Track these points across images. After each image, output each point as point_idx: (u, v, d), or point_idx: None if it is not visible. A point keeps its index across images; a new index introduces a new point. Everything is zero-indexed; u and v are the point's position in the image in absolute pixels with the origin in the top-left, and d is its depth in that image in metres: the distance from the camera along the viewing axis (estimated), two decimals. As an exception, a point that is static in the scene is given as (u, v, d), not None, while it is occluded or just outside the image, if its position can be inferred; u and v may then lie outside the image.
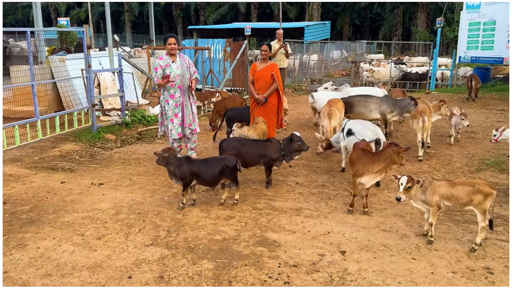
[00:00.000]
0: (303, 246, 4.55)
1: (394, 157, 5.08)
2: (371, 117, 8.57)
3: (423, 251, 4.47)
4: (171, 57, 6.80)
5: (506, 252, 4.47)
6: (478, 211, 4.41)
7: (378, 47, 36.83)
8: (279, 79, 7.49)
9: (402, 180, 4.45)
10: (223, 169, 5.36)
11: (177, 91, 6.82)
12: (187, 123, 6.98)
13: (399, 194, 4.46)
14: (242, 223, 5.12)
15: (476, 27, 15.58)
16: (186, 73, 6.87)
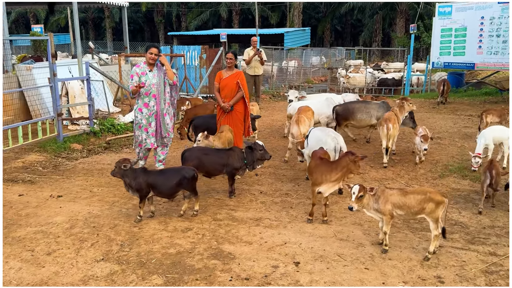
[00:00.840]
0: (258, 258, 4.50)
1: (351, 165, 5.07)
2: (367, 123, 8.64)
3: (377, 261, 4.45)
4: (149, 66, 6.65)
5: (460, 260, 4.48)
6: (430, 219, 4.41)
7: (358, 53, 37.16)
8: (245, 87, 7.46)
9: (354, 189, 4.43)
10: (181, 180, 5.29)
11: (151, 100, 6.65)
12: (164, 133, 6.79)
13: (351, 203, 4.43)
14: (199, 235, 5.05)
15: (448, 33, 15.81)
16: (162, 83, 6.73)
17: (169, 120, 6.87)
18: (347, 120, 8.65)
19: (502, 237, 5.01)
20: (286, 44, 30.12)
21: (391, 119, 7.34)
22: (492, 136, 7.01)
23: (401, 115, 7.78)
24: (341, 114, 8.66)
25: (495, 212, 5.72)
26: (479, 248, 4.73)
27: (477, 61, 15.24)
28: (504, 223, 5.39)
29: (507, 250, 4.70)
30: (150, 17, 55.13)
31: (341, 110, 8.70)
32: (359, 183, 4.51)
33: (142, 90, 6.49)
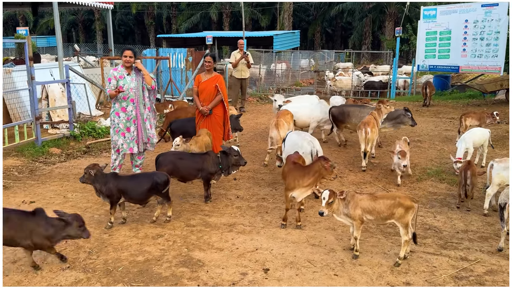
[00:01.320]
0: (227, 265, 4.44)
1: (323, 171, 5.02)
2: None
3: (347, 267, 4.41)
4: (127, 69, 6.52)
5: (430, 265, 4.45)
6: (400, 224, 4.38)
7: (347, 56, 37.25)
8: (224, 90, 7.41)
9: (324, 194, 4.38)
10: (152, 185, 5.21)
11: (129, 105, 6.51)
12: (145, 137, 6.64)
13: (321, 208, 4.38)
14: (170, 241, 4.98)
15: (433, 36, 15.90)
16: (140, 87, 6.59)
17: (149, 126, 6.73)
18: (344, 123, 8.65)
19: (474, 242, 4.99)
20: (275, 46, 30.07)
21: (370, 123, 7.32)
22: (472, 139, 7.00)
23: (380, 118, 7.77)
24: (337, 117, 8.67)
25: (470, 216, 5.71)
26: (451, 253, 4.71)
27: (462, 64, 15.34)
28: (477, 228, 5.38)
29: (479, 255, 4.68)
30: (141, 19, 54.96)
31: (337, 113, 8.70)
32: (329, 188, 4.47)
33: (120, 94, 6.38)
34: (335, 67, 27.77)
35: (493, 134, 9.26)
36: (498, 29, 14.24)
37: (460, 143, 6.91)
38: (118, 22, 55.98)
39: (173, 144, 6.88)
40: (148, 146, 6.77)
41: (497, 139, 8.89)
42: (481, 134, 7.05)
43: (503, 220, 4.66)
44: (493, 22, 14.37)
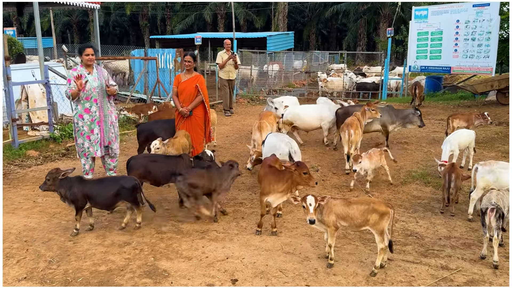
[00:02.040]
0: (194, 276, 4.19)
1: (297, 178, 4.78)
2: (372, 128, 8.24)
3: (320, 276, 4.17)
4: (87, 68, 6.22)
5: (408, 275, 4.21)
6: (374, 231, 4.15)
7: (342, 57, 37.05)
8: (205, 91, 7.18)
9: (310, 200, 4.11)
10: (119, 190, 4.96)
11: (93, 105, 6.22)
12: (106, 140, 6.39)
13: (310, 215, 4.09)
14: (137, 250, 4.73)
15: (425, 37, 15.69)
16: (104, 86, 6.33)
17: (113, 128, 6.49)
18: None
19: (457, 249, 4.76)
20: (268, 48, 29.89)
21: (353, 124, 7.10)
22: (458, 141, 6.78)
23: (364, 120, 7.55)
24: (342, 118, 8.19)
25: (454, 221, 5.48)
26: (431, 262, 4.47)
27: (453, 64, 15.14)
28: (461, 234, 5.15)
29: (460, 263, 4.45)
30: (135, 20, 54.71)
31: (342, 114, 8.32)
32: (310, 193, 4.22)
33: (82, 94, 6.10)
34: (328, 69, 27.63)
35: (482, 135, 9.08)
36: (489, 29, 14.05)
37: (445, 145, 6.68)
38: (113, 23, 55.75)
39: (152, 147, 6.58)
40: (109, 152, 6.48)
41: (485, 140, 8.69)
42: (467, 136, 6.83)
43: (485, 226, 4.43)
44: (485, 22, 14.18)
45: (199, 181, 5.19)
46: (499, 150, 8.01)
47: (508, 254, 4.64)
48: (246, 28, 47.84)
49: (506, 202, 4.47)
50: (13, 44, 18.31)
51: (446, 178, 5.65)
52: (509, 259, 4.39)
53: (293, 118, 8.55)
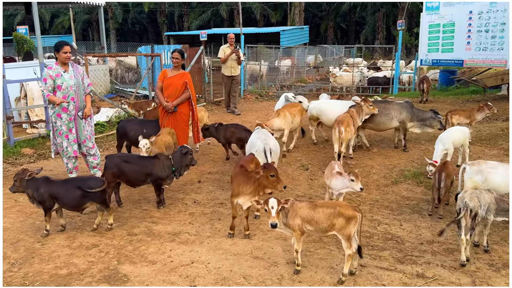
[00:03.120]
0: (154, 281, 4.04)
1: (263, 180, 4.56)
2: (391, 125, 7.76)
3: (285, 283, 3.96)
4: (63, 66, 6.11)
5: (379, 283, 3.97)
6: (341, 236, 3.91)
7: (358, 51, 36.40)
8: (192, 89, 7.01)
9: (272, 203, 3.89)
10: (86, 191, 4.83)
11: (70, 104, 6.13)
12: (81, 139, 6.32)
13: (273, 219, 3.87)
14: (103, 252, 4.60)
15: (436, 29, 15.13)
16: (81, 84, 6.24)
17: (88, 126, 6.39)
18: (364, 122, 7.63)
19: (438, 255, 4.47)
20: (282, 42, 29.61)
21: (344, 122, 6.80)
22: (451, 139, 6.44)
23: (359, 117, 7.23)
24: None
25: (441, 224, 5.17)
26: (407, 269, 4.21)
27: (466, 57, 14.53)
28: (445, 238, 4.83)
29: (438, 271, 4.17)
30: (154, 17, 55.02)
31: None
32: (273, 196, 4.01)
33: (59, 93, 6.00)
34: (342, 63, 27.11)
35: (486, 132, 8.67)
36: (503, 20, 13.43)
37: (438, 144, 6.33)
38: (132, 20, 56.18)
39: (142, 147, 6.34)
40: (85, 151, 6.39)
41: (489, 137, 8.26)
42: (461, 133, 6.47)
43: (460, 228, 4.16)
44: (499, 13, 13.57)
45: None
46: (501, 147, 7.59)
47: (492, 262, 4.34)
48: (263, 23, 47.55)
49: (482, 201, 4.19)
50: (24, 42, 18.51)
51: (436, 177, 5.36)
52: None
53: (318, 113, 8.30)
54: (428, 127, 7.89)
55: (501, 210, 4.34)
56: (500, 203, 4.34)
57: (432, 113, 7.87)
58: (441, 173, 5.38)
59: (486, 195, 4.28)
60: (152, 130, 6.81)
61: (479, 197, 4.21)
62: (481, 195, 4.24)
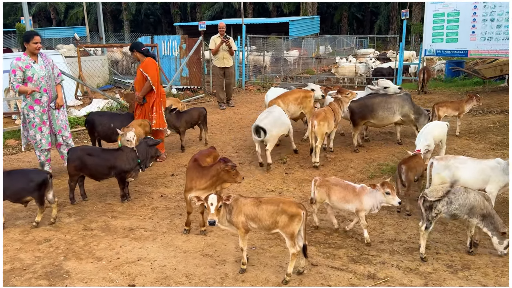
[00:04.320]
0: (93, 279, 3.92)
1: (223, 174, 4.40)
2: (394, 120, 7.37)
3: (227, 283, 3.80)
4: (32, 57, 6.00)
5: (325, 283, 3.78)
6: (284, 235, 3.73)
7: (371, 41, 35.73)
8: (151, 73, 6.81)
9: (211, 199, 3.73)
10: (26, 184, 4.73)
11: (43, 95, 6.04)
12: (56, 129, 6.25)
13: (211, 216, 3.71)
14: (53, 247, 4.51)
15: (441, 19, 14.64)
16: (51, 74, 6.15)
17: (62, 115, 6.32)
18: (365, 119, 7.32)
19: (396, 255, 4.26)
20: (291, 33, 29.20)
21: (319, 115, 6.54)
22: (432, 135, 6.06)
23: (341, 108, 6.93)
24: (358, 112, 7.29)
25: (407, 222, 4.96)
26: (359, 269, 4.00)
27: (470, 48, 14.04)
28: (409, 237, 4.63)
29: (392, 271, 3.95)
30: (167, 8, 55.01)
31: (357, 107, 7.33)
32: (214, 192, 3.85)
33: (30, 85, 5.90)
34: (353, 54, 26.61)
35: (477, 125, 8.33)
36: (509, 8, 12.92)
37: (419, 140, 5.95)
38: (147, 11, 56.21)
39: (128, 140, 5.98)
40: (61, 141, 6.30)
41: (479, 130, 7.92)
42: (441, 128, 6.12)
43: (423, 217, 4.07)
44: (504, 1, 13.06)
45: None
46: (489, 141, 7.26)
47: (452, 263, 4.11)
48: (276, 14, 47.09)
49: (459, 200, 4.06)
50: (28, 34, 18.52)
51: (397, 170, 5.15)
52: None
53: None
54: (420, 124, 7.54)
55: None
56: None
57: (426, 110, 7.54)
58: (401, 166, 5.17)
59: (473, 196, 4.06)
60: (122, 123, 6.67)
61: (456, 195, 4.04)
62: (462, 195, 4.05)
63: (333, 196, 4.54)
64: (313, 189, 4.65)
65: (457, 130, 7.64)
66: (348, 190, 4.52)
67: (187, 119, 7.82)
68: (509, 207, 4.94)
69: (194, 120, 7.97)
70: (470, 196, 4.09)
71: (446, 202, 4.08)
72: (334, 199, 4.54)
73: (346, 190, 4.53)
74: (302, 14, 39.46)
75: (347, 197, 4.50)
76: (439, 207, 4.09)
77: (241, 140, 8.50)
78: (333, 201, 4.56)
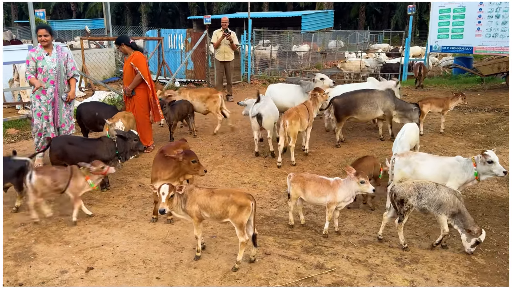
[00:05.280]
0: (56, 261, 4.15)
1: (184, 166, 4.58)
2: (377, 115, 7.47)
3: (179, 269, 3.99)
4: (46, 49, 6.23)
5: (272, 272, 3.94)
6: (234, 224, 3.89)
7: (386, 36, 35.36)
8: (141, 68, 7.01)
9: (163, 189, 3.93)
10: (5, 171, 4.98)
11: (50, 87, 6.27)
12: (60, 122, 6.46)
13: (162, 205, 3.92)
14: (27, 231, 4.77)
15: (446, 14, 14.56)
16: (62, 68, 6.35)
17: (67, 110, 6.53)
18: (349, 114, 7.41)
19: (349, 247, 4.39)
20: (304, 27, 29.11)
21: (291, 114, 6.53)
22: (409, 141, 5.93)
23: (314, 108, 6.99)
24: (341, 108, 7.38)
25: (370, 216, 5.08)
26: (309, 259, 4.15)
27: (476, 44, 13.92)
28: (367, 230, 4.75)
29: (341, 262, 4.09)
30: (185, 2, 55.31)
31: (341, 103, 7.43)
32: (167, 182, 4.03)
33: (40, 76, 6.16)
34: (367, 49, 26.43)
35: (464, 122, 8.33)
36: (509, 8, 12.74)
37: (396, 146, 5.78)
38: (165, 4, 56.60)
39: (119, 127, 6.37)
40: (62, 133, 6.54)
41: (464, 128, 7.92)
42: (415, 132, 6.03)
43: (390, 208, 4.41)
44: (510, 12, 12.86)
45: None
46: (472, 139, 7.27)
47: (402, 256, 4.22)
48: (292, 7, 46.95)
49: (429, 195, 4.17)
50: (43, 25, 18.94)
51: None
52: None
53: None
54: (408, 119, 7.57)
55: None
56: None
57: (414, 105, 7.57)
58: (357, 165, 5.23)
59: (443, 193, 4.15)
60: (106, 114, 6.90)
61: (426, 190, 4.16)
62: (432, 191, 4.16)
63: (308, 191, 4.61)
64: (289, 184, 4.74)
65: (442, 127, 7.66)
66: (322, 184, 4.60)
67: (179, 111, 8.05)
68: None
69: (184, 113, 8.19)
70: (440, 192, 4.18)
71: (416, 196, 4.20)
72: (309, 194, 4.60)
73: (320, 184, 4.61)
74: (317, 8, 39.26)
75: (321, 190, 4.57)
76: (410, 202, 4.20)
77: (229, 133, 8.66)
78: (308, 196, 4.62)
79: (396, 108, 7.40)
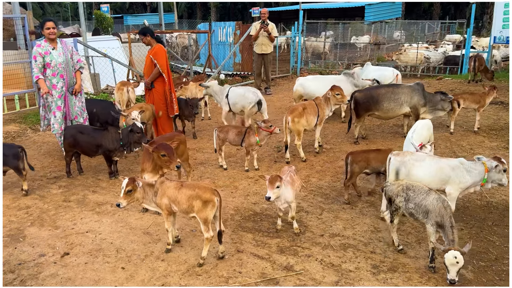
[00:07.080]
0: (41, 244, 4.36)
1: (157, 160, 4.59)
2: (402, 112, 7.13)
3: (147, 261, 4.02)
4: (51, 43, 6.39)
5: (237, 271, 3.83)
6: (199, 219, 3.83)
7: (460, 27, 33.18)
8: (161, 62, 7.04)
9: (123, 183, 3.95)
10: (2, 157, 5.29)
11: (60, 81, 6.42)
12: (72, 115, 6.61)
13: (119, 199, 3.93)
14: (28, 214, 5.05)
15: (513, 2, 13.30)
16: (69, 61, 6.54)
17: (78, 102, 6.66)
18: (369, 111, 7.13)
19: (328, 249, 4.16)
20: (367, 17, 28.16)
21: (295, 111, 6.29)
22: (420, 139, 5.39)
23: (327, 106, 6.58)
24: (361, 103, 7.07)
25: (362, 218, 4.78)
26: (281, 259, 3.99)
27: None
28: (354, 233, 4.48)
29: (311, 265, 3.89)
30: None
31: (361, 98, 7.12)
32: (130, 177, 4.04)
33: (49, 71, 6.32)
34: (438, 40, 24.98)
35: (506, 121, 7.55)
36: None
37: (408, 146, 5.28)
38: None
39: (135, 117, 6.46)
40: None
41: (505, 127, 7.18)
42: (427, 129, 5.54)
43: None
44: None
45: None
46: (507, 139, 6.59)
47: (381, 264, 3.92)
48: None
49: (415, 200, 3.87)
50: (103, 20, 20.04)
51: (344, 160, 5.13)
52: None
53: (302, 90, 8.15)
54: (440, 110, 7.06)
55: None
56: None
57: (440, 94, 7.04)
58: (348, 157, 5.07)
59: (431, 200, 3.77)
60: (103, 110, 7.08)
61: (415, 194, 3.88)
62: (420, 195, 3.85)
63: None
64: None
65: (476, 125, 7.03)
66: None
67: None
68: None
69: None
70: (428, 198, 3.83)
71: (404, 198, 3.92)
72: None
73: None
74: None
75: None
76: (397, 202, 3.96)
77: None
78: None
79: (425, 104, 6.90)
